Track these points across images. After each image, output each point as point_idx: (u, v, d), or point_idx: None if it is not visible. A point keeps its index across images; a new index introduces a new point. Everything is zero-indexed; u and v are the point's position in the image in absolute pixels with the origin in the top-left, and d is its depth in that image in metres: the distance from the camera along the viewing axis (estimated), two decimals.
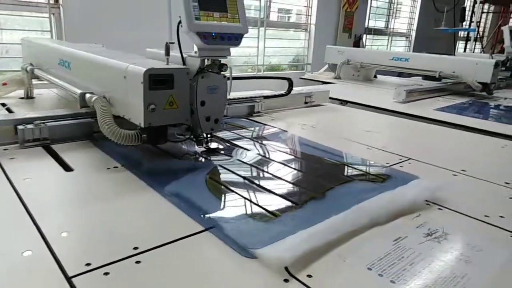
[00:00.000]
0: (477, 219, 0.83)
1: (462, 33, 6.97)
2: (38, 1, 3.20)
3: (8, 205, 0.77)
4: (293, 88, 1.78)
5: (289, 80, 1.49)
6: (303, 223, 0.74)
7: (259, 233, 0.71)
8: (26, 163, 1.00)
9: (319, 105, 1.98)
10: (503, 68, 2.92)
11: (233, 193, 0.89)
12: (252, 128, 1.48)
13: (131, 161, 1.03)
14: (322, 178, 1.00)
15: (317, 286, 0.59)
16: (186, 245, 0.67)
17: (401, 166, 1.13)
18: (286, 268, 0.62)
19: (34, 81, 1.68)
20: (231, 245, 0.67)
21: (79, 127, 1.20)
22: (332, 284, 0.61)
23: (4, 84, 1.63)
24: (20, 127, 1.10)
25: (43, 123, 1.14)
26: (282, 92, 1.75)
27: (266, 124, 1.53)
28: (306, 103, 1.94)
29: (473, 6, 6.08)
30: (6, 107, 1.52)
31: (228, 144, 1.23)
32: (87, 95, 1.10)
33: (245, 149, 1.19)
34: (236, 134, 1.36)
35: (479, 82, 2.60)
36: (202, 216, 0.76)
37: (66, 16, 3.20)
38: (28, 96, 1.66)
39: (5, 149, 1.07)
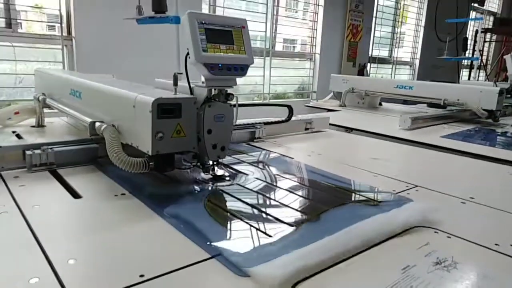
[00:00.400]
0: (487, 247, 0.82)
1: (465, 62, 7.05)
2: (52, 33, 3.32)
3: (17, 232, 0.78)
4: (295, 115, 1.81)
5: (289, 107, 1.53)
6: (295, 243, 0.76)
7: (252, 253, 0.73)
8: (35, 190, 1.01)
9: (319, 131, 2.02)
10: (508, 95, 2.93)
11: (230, 214, 0.91)
12: (258, 155, 1.49)
13: (137, 187, 1.04)
14: (319, 202, 1.02)
15: None
16: (192, 272, 0.67)
17: (408, 194, 1.13)
18: None
19: (46, 110, 1.72)
20: (237, 273, 0.67)
21: (84, 152, 1.25)
22: None
23: (17, 113, 1.67)
24: (28, 152, 1.15)
25: (50, 148, 1.19)
26: (283, 118, 1.79)
27: (271, 151, 1.55)
28: (306, 129, 1.98)
29: (475, 36, 6.19)
30: (16, 133, 1.55)
31: (233, 171, 1.24)
32: (97, 124, 1.12)
33: (250, 175, 1.20)
34: (241, 160, 1.37)
35: (484, 109, 2.61)
36: (206, 243, 0.76)
37: (78, 48, 3.31)
38: (39, 125, 1.70)
39: (15, 177, 1.09)
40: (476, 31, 6.14)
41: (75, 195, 0.99)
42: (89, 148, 1.26)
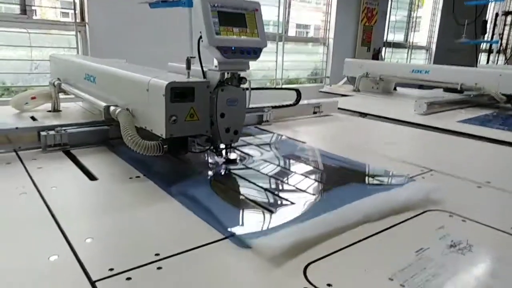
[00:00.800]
0: (503, 231, 0.81)
1: (484, 45, 6.86)
2: (66, 20, 3.35)
3: (37, 213, 0.80)
4: (308, 100, 1.79)
5: (297, 91, 1.53)
6: (296, 218, 0.79)
7: (254, 226, 0.78)
8: (53, 172, 1.04)
9: (327, 115, 2.01)
10: None
11: (235, 192, 0.96)
12: (271, 138, 1.49)
13: (151, 170, 1.06)
14: (325, 183, 1.05)
15: None
16: (206, 252, 0.68)
17: (423, 177, 1.11)
18: (305, 276, 0.62)
19: (61, 95, 1.75)
20: (239, 245, 0.70)
21: (96, 134, 1.30)
22: None
23: (33, 98, 1.70)
24: (42, 133, 1.19)
25: (64, 129, 1.23)
26: (291, 102, 1.79)
27: (283, 135, 1.54)
28: (314, 113, 1.98)
29: (495, 19, 5.99)
30: (32, 117, 1.59)
31: (247, 155, 1.24)
32: (111, 108, 1.14)
33: (264, 160, 1.20)
34: (252, 143, 1.38)
35: (503, 94, 2.55)
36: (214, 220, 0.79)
37: (91, 34, 3.33)
38: (55, 109, 1.73)
39: (33, 159, 1.12)
40: (497, 14, 5.94)
41: (91, 177, 1.01)
42: (101, 129, 1.30)
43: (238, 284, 0.61)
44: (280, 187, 1.02)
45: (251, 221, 0.81)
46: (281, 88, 1.40)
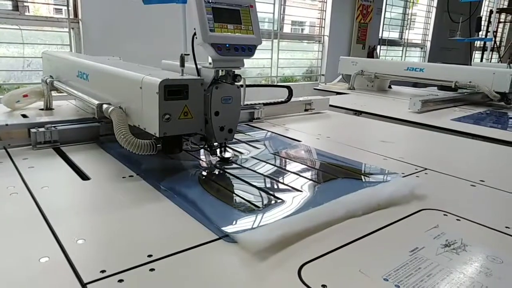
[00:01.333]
0: (497, 230, 0.81)
1: (478, 43, 6.89)
2: (59, 17, 3.31)
3: (27, 213, 0.78)
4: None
5: (289, 88, 1.53)
6: (282, 214, 0.81)
7: (239, 221, 0.79)
8: (44, 172, 1.02)
9: (318, 113, 2.02)
10: None
11: (223, 188, 0.97)
12: (265, 136, 1.49)
13: (141, 167, 1.06)
14: (313, 179, 1.06)
15: None
16: (199, 253, 0.67)
17: (417, 176, 1.11)
18: (300, 277, 0.61)
19: (53, 93, 1.73)
20: (225, 240, 0.71)
21: (86, 131, 1.30)
22: None
23: (25, 96, 1.68)
24: (33, 130, 1.20)
25: (54, 126, 1.24)
26: (282, 99, 1.80)
27: (280, 134, 1.54)
28: (306, 110, 1.99)
29: (489, 16, 6.02)
30: (23, 115, 1.57)
31: (240, 153, 1.24)
32: (104, 106, 1.12)
33: (256, 158, 1.20)
34: (245, 141, 1.37)
35: (496, 92, 2.56)
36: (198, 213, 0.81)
37: (84, 30, 3.30)
38: (48, 107, 1.71)
39: (24, 158, 1.10)
40: (491, 11, 5.97)
41: (84, 177, 1.00)
42: (91, 126, 1.31)
43: (232, 285, 0.60)
44: (270, 185, 1.02)
45: (238, 217, 0.81)
46: (273, 85, 1.41)
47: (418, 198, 0.96)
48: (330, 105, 2.20)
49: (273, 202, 0.89)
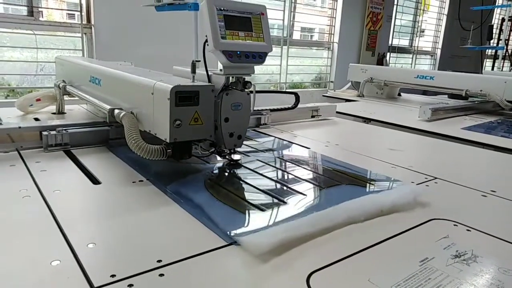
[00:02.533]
0: (509, 241, 0.80)
1: (489, 51, 6.83)
2: (72, 22, 3.37)
3: (39, 216, 0.80)
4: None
5: (296, 94, 1.54)
6: (286, 217, 0.83)
7: (243, 224, 0.81)
8: (56, 175, 1.04)
9: (325, 119, 2.02)
10: None
11: (229, 191, 0.97)
12: (273, 142, 1.49)
13: (150, 170, 1.08)
14: (318, 184, 1.07)
15: None
16: (209, 259, 0.67)
17: (427, 186, 1.11)
18: (308, 285, 0.61)
19: (66, 97, 1.75)
20: (228, 242, 0.73)
21: (97, 134, 1.33)
22: None
23: (38, 100, 1.71)
24: (44, 133, 1.23)
25: (65, 130, 1.26)
26: (289, 105, 1.81)
27: (288, 141, 1.54)
28: (313, 116, 2.00)
29: (501, 24, 5.97)
30: (35, 118, 1.60)
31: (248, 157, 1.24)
32: (116, 111, 1.14)
33: (265, 163, 1.20)
34: (258, 151, 1.37)
35: (508, 101, 2.53)
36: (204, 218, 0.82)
37: (97, 36, 3.35)
38: (60, 112, 1.74)
39: (37, 162, 1.12)
40: (503, 19, 5.92)
41: (95, 181, 1.01)
42: (101, 130, 1.33)
43: None
44: (274, 188, 1.03)
45: (242, 220, 0.83)
46: (280, 92, 1.43)
47: (427, 207, 0.95)
48: (339, 112, 2.20)
49: (276, 205, 0.90)
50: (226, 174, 1.12)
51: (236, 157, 1.15)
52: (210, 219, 0.80)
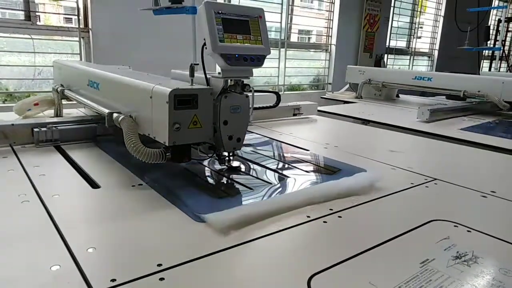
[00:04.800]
0: (509, 242, 0.80)
1: (486, 52, 6.86)
2: (69, 26, 3.37)
3: (39, 221, 0.79)
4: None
5: (277, 93, 1.56)
6: (250, 200, 0.94)
7: (211, 205, 0.89)
8: (55, 180, 1.03)
9: (306, 117, 2.08)
10: None
11: (203, 180, 1.08)
12: (274, 145, 1.49)
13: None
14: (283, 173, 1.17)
15: None
16: (209, 262, 0.67)
17: (426, 187, 1.11)
18: (309, 286, 0.61)
19: (64, 102, 1.75)
20: (195, 220, 0.82)
21: (85, 131, 1.42)
22: None
23: (36, 104, 1.71)
24: (35, 129, 1.31)
25: (55, 126, 1.35)
26: (271, 104, 1.83)
27: (288, 144, 1.54)
28: (294, 114, 2.06)
29: (498, 25, 6.00)
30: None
31: (249, 163, 1.24)
32: (115, 115, 1.13)
33: (267, 168, 1.20)
34: (260, 154, 1.37)
35: (505, 101, 2.54)
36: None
37: (95, 40, 3.34)
38: (58, 115, 1.73)
39: (35, 166, 1.12)
40: (499, 20, 5.95)
41: (94, 185, 1.01)
42: (89, 127, 1.43)
43: None
44: (245, 179, 1.10)
45: (211, 203, 0.92)
46: (262, 91, 1.45)
47: (428, 209, 0.95)
48: (337, 114, 2.21)
49: (244, 191, 1.01)
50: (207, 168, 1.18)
51: (235, 164, 1.15)
52: (184, 203, 0.89)
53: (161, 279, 0.61)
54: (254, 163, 1.25)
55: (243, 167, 1.19)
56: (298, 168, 1.22)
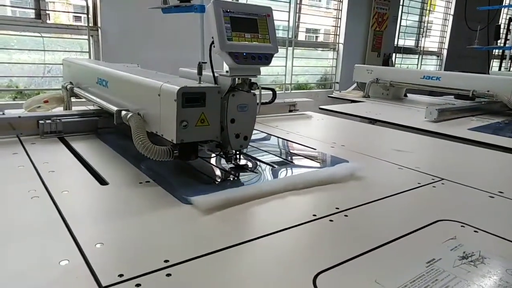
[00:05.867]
0: None
1: (496, 52, 6.78)
2: (79, 24, 3.40)
3: (48, 217, 0.81)
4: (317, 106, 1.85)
5: (273, 90, 1.57)
6: (234, 186, 1.01)
7: (196, 190, 0.95)
8: (64, 177, 1.05)
9: (302, 114, 2.13)
10: None
11: (192, 167, 1.14)
12: (280, 143, 1.49)
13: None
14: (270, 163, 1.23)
15: None
16: (216, 259, 0.68)
17: (434, 187, 1.10)
18: (315, 286, 0.61)
19: (73, 99, 1.77)
20: (183, 201, 0.90)
21: (87, 123, 1.50)
22: None
23: (46, 101, 1.73)
24: (41, 121, 1.39)
25: (59, 119, 1.43)
26: (266, 100, 1.85)
27: (294, 142, 1.54)
28: (290, 111, 2.12)
29: (508, 24, 5.92)
30: None
31: (257, 162, 1.24)
32: (123, 112, 1.14)
33: (271, 165, 1.21)
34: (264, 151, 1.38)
35: None
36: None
37: (103, 38, 3.37)
38: None
39: (45, 162, 1.13)
40: (510, 19, 5.87)
41: (102, 182, 1.02)
42: (91, 120, 1.51)
43: None
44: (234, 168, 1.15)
45: (199, 188, 0.98)
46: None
47: (435, 208, 0.95)
48: (344, 113, 2.21)
49: (230, 179, 1.10)
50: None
51: (242, 162, 1.16)
52: (173, 186, 0.98)
53: (168, 275, 0.62)
54: (261, 161, 1.26)
55: (250, 165, 1.19)
56: (302, 166, 1.28)
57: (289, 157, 1.41)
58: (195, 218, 0.83)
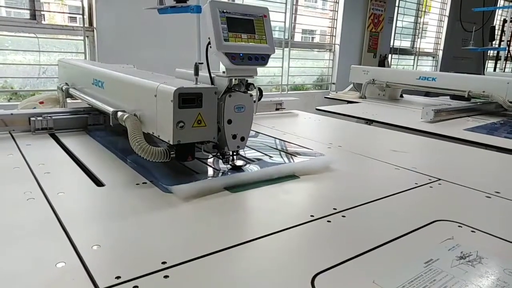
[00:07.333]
0: None
1: (491, 53, 6.82)
2: (74, 25, 3.38)
3: (44, 218, 0.80)
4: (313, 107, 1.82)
5: (259, 89, 1.58)
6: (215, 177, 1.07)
7: (179, 180, 1.00)
8: (60, 178, 1.04)
9: (289, 112, 2.20)
10: None
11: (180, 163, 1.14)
12: (279, 146, 1.49)
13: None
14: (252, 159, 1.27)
15: None
16: (214, 261, 0.67)
17: (430, 187, 1.10)
18: (313, 287, 0.61)
19: (68, 100, 1.76)
20: (164, 191, 0.96)
21: (77, 120, 1.55)
22: None
23: (41, 102, 1.72)
24: (32, 118, 1.44)
25: (49, 116, 1.48)
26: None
27: (291, 143, 1.54)
28: (277, 109, 2.19)
29: (503, 25, 5.96)
30: None
31: (254, 161, 1.24)
32: (119, 113, 1.14)
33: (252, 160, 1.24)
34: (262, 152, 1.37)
35: (510, 102, 2.53)
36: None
37: (99, 39, 3.36)
38: None
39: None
40: (504, 20, 5.92)
41: (98, 183, 1.01)
42: (81, 117, 1.56)
43: None
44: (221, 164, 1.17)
45: (179, 178, 1.04)
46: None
47: (432, 209, 0.95)
48: (340, 113, 2.21)
49: (210, 172, 1.14)
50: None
51: (239, 163, 1.15)
52: (155, 177, 1.03)
53: (166, 276, 0.62)
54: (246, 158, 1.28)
55: (247, 166, 1.19)
56: (264, 153, 1.33)
57: (272, 153, 1.40)
58: (193, 219, 0.83)
